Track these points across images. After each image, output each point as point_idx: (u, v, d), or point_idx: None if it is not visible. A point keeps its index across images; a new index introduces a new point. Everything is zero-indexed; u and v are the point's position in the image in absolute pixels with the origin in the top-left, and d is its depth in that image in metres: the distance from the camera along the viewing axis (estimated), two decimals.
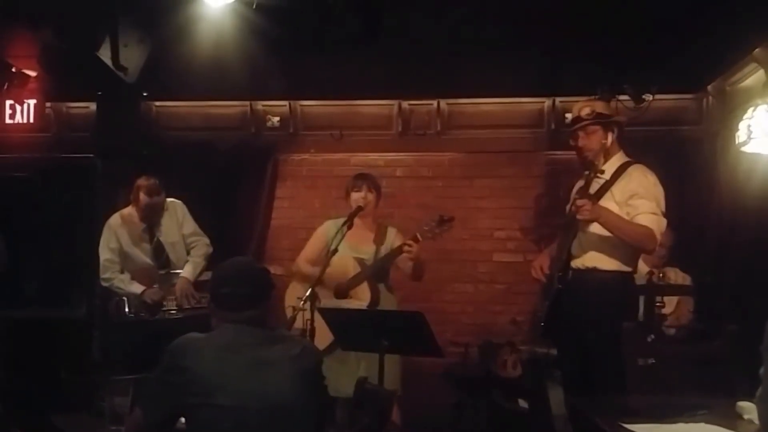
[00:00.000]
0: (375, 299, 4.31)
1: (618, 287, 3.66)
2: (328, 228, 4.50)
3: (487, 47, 4.99)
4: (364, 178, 4.50)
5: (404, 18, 4.68)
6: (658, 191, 3.63)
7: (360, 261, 4.38)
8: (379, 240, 4.46)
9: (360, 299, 4.32)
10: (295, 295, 4.36)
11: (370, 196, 4.43)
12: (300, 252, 4.63)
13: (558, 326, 3.76)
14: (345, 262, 4.33)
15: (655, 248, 3.69)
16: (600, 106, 3.87)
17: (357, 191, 4.42)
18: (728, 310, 4.53)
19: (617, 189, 3.64)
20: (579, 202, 3.53)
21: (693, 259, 4.96)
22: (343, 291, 4.36)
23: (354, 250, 4.39)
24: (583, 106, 3.86)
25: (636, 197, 3.58)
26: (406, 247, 4.19)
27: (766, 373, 1.88)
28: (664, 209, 3.61)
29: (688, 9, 4.28)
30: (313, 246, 4.55)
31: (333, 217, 4.59)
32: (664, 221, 3.58)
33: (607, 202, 3.62)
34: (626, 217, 3.57)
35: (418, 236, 4.22)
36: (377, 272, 4.37)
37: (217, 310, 2.47)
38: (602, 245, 3.63)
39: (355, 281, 4.34)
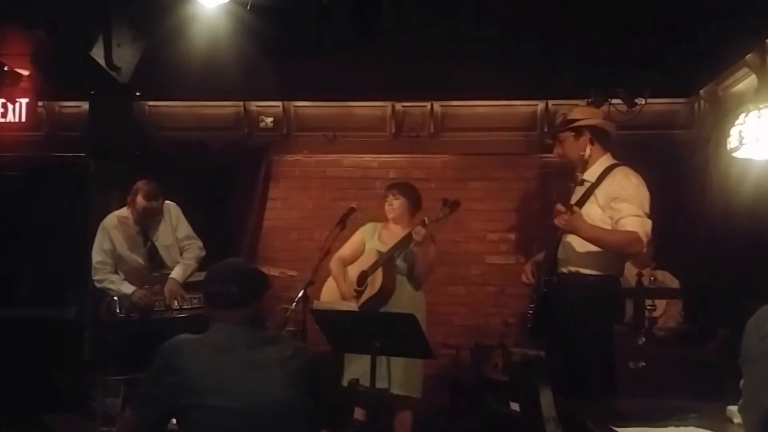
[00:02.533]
0: (387, 286, 4.42)
1: (601, 291, 3.62)
2: (365, 230, 4.73)
3: (481, 50, 5.00)
4: (393, 187, 4.74)
5: (398, 20, 4.68)
6: (641, 193, 3.57)
7: (379, 252, 4.54)
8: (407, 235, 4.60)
9: (373, 285, 4.46)
10: (330, 293, 4.59)
11: (396, 203, 4.62)
12: (294, 252, 4.69)
13: (545, 330, 3.76)
14: (368, 254, 4.56)
15: (643, 250, 3.61)
16: (577, 112, 3.84)
17: (386, 199, 4.66)
18: (720, 314, 4.56)
19: (600, 192, 3.59)
20: (558, 208, 3.53)
21: (684, 263, 4.98)
22: (362, 279, 4.54)
23: (384, 246, 4.57)
24: (560, 115, 3.87)
25: (618, 200, 3.52)
26: (416, 229, 4.31)
27: (746, 384, 1.91)
28: (648, 211, 3.54)
29: (682, 13, 4.29)
30: (349, 246, 4.75)
31: (330, 218, 4.75)
32: (648, 222, 3.51)
33: (591, 206, 3.58)
34: (610, 221, 3.52)
35: (426, 220, 4.35)
36: (391, 258, 4.49)
37: (208, 308, 2.48)
38: (585, 250, 3.58)
39: (373, 268, 4.51)
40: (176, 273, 4.71)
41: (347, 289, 4.55)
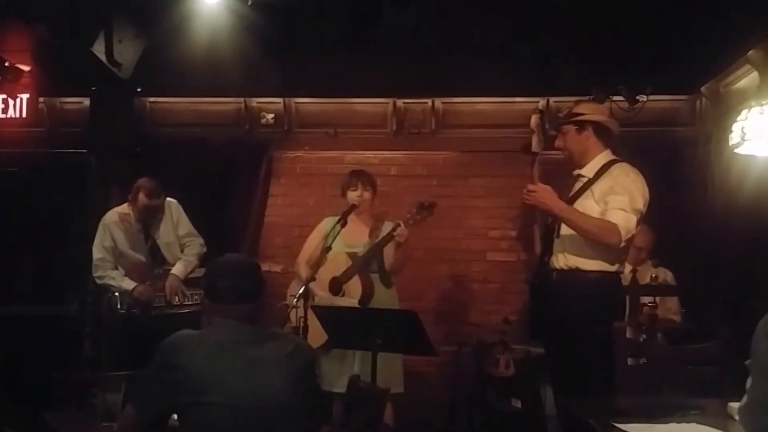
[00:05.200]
0: (367, 293, 4.30)
1: (602, 289, 3.60)
2: (325, 225, 4.50)
3: (483, 47, 5.00)
4: (359, 176, 4.51)
5: (400, 16, 4.69)
6: (636, 189, 3.54)
7: (352, 255, 4.39)
8: (374, 234, 4.47)
9: (352, 294, 4.31)
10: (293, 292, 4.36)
11: (366, 194, 4.45)
12: (295, 249, 4.64)
13: (543, 326, 3.75)
14: (337, 257, 4.33)
15: (620, 244, 3.52)
16: (582, 107, 3.84)
17: (353, 190, 4.44)
18: (721, 311, 4.55)
19: (597, 188, 3.59)
20: (530, 187, 3.54)
21: (685, 260, 4.97)
22: (337, 286, 4.37)
23: (348, 246, 4.40)
24: (565, 108, 3.87)
25: (610, 194, 3.51)
26: (399, 230, 4.20)
27: (753, 387, 1.89)
28: (640, 207, 3.51)
29: (683, 10, 4.29)
30: (311, 243, 4.55)
31: (329, 214, 4.60)
32: (633, 218, 3.48)
33: (587, 201, 3.57)
34: (601, 216, 3.51)
35: (401, 224, 4.25)
36: (367, 264, 4.37)
37: (213, 304, 2.44)
38: (582, 245, 3.57)
39: (347, 275, 4.34)
40: (177, 269, 4.72)
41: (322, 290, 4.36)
